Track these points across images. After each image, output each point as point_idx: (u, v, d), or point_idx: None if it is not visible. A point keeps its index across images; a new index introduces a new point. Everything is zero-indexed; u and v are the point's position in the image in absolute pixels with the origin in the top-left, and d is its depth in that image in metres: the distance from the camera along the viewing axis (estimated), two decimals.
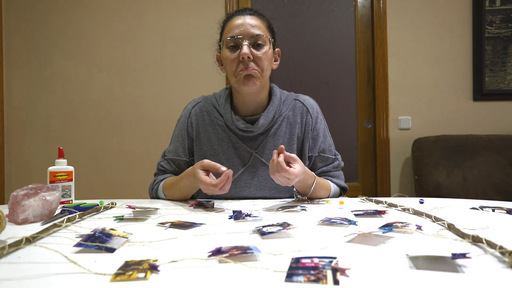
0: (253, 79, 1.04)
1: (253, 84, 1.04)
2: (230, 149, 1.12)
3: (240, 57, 1.02)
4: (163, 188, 1.11)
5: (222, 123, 1.14)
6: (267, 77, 1.09)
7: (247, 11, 1.09)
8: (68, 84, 2.57)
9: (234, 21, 1.06)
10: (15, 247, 0.53)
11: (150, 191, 1.18)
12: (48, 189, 0.81)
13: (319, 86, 2.61)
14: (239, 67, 1.04)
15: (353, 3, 2.62)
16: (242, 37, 1.03)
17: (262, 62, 1.04)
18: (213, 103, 1.18)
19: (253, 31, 1.04)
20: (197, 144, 1.16)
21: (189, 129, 1.17)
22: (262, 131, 1.11)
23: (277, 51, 1.15)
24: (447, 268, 0.45)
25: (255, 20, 1.06)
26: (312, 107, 1.17)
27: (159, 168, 1.19)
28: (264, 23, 1.08)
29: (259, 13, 1.10)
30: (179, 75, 2.57)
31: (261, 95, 1.12)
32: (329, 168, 1.15)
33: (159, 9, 2.58)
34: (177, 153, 1.17)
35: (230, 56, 1.04)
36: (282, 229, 0.63)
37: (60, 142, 2.52)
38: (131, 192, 2.50)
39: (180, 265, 0.46)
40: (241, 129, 1.10)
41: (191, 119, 1.17)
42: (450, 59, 2.54)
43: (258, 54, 1.04)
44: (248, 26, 1.04)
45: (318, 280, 0.41)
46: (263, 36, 1.05)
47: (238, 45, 1.04)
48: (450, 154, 2.30)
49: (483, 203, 0.94)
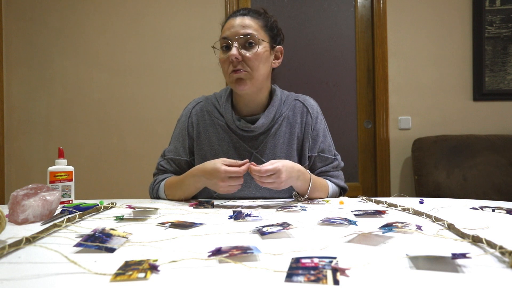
0: (243, 81, 1.04)
1: (244, 86, 1.04)
2: (231, 149, 1.12)
3: (230, 59, 1.02)
4: (164, 187, 1.11)
5: (222, 123, 1.14)
6: (261, 77, 1.07)
7: (241, 12, 1.08)
8: (68, 84, 2.57)
9: (228, 22, 1.07)
10: (15, 247, 0.53)
11: (151, 191, 1.17)
12: (48, 189, 0.81)
13: (319, 86, 2.62)
14: (230, 68, 1.04)
15: (353, 3, 2.62)
16: (231, 38, 1.03)
17: (252, 63, 1.03)
18: (214, 103, 1.17)
19: (242, 31, 1.03)
20: (198, 144, 1.15)
21: (189, 128, 1.17)
22: (262, 131, 1.11)
23: (279, 49, 1.13)
24: (447, 268, 0.45)
25: (247, 20, 1.05)
26: (312, 107, 1.17)
27: (159, 168, 1.19)
28: (258, 22, 1.06)
29: (255, 12, 1.09)
30: (179, 75, 2.57)
31: (260, 95, 1.12)
32: (328, 168, 1.16)
33: (159, 9, 2.58)
34: (177, 153, 1.16)
35: (223, 57, 1.05)
36: (282, 229, 0.63)
37: (60, 142, 2.52)
38: (131, 192, 2.50)
39: (180, 265, 0.46)
40: (242, 128, 1.10)
41: (191, 118, 1.17)
42: (450, 59, 2.54)
43: (247, 54, 1.03)
44: (238, 27, 1.03)
45: (318, 280, 0.41)
46: (254, 35, 1.03)
47: (229, 46, 1.04)
48: (450, 154, 2.30)
49: (483, 203, 0.94)
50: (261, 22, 1.07)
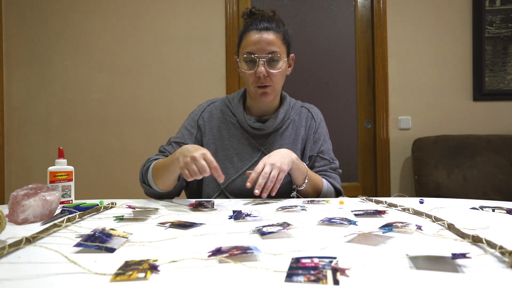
0: (268, 94, 1.12)
1: (268, 98, 1.13)
2: (240, 144, 1.17)
3: (256, 75, 1.08)
4: (153, 169, 1.06)
5: (234, 121, 1.20)
6: (280, 88, 1.17)
7: (264, 24, 1.09)
8: (68, 84, 2.57)
9: (251, 35, 1.09)
10: (15, 247, 0.53)
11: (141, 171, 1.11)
12: (48, 189, 0.81)
13: (319, 86, 2.62)
14: (255, 82, 1.11)
15: (353, 3, 2.62)
16: (258, 55, 1.08)
17: (276, 78, 1.11)
18: (227, 103, 1.24)
19: (268, 48, 1.08)
20: (208, 138, 1.18)
21: (200, 121, 1.21)
22: (271, 130, 1.18)
23: (292, 57, 1.19)
24: (447, 268, 0.45)
25: (271, 36, 1.08)
26: (316, 114, 1.27)
27: (160, 150, 1.17)
28: (280, 36, 1.10)
29: (276, 25, 1.11)
30: (179, 75, 2.57)
31: (274, 100, 1.20)
32: (326, 168, 1.21)
33: (159, 9, 2.58)
34: (183, 139, 1.18)
35: (247, 71, 1.11)
36: (282, 229, 0.63)
37: (60, 142, 2.52)
38: (131, 192, 2.50)
39: (180, 265, 0.46)
40: (253, 127, 1.16)
41: (204, 113, 1.22)
42: (450, 59, 2.54)
43: (273, 71, 1.09)
44: (264, 43, 1.07)
45: (318, 280, 0.41)
46: (278, 53, 1.09)
47: (254, 61, 1.09)
48: (450, 154, 2.30)
49: (483, 203, 0.94)
50: (281, 35, 1.12)
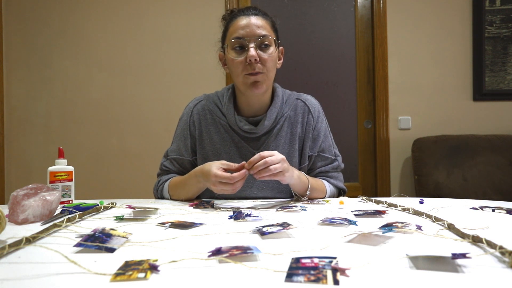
0: (260, 83, 1.03)
1: (260, 89, 1.04)
2: (233, 148, 1.12)
3: (248, 60, 1.00)
4: (168, 188, 1.11)
5: (224, 122, 1.13)
6: (272, 78, 1.08)
7: (252, 11, 1.06)
8: (68, 84, 2.57)
9: (239, 21, 1.04)
10: (15, 247, 0.53)
11: (155, 192, 1.17)
12: (48, 189, 0.81)
13: (319, 86, 2.61)
14: (245, 70, 1.02)
15: (353, 3, 2.62)
16: (248, 38, 1.01)
17: (268, 64, 1.03)
18: (216, 102, 1.16)
19: (259, 32, 1.01)
20: (200, 143, 1.15)
21: (191, 127, 1.16)
22: (264, 132, 1.11)
23: (281, 50, 1.13)
24: (447, 268, 0.45)
25: (260, 20, 1.04)
26: (313, 106, 1.17)
27: (162, 168, 1.18)
28: (268, 23, 1.06)
29: (264, 12, 1.08)
30: (179, 75, 2.57)
31: (265, 96, 1.11)
32: (328, 169, 1.15)
33: (159, 9, 2.58)
34: (180, 153, 1.16)
35: (236, 58, 1.02)
36: (282, 229, 0.63)
37: (60, 142, 2.52)
38: (131, 192, 2.50)
39: (180, 265, 0.46)
40: (245, 130, 1.09)
41: (193, 117, 1.16)
42: (450, 59, 2.54)
43: (265, 56, 1.02)
44: (254, 26, 1.01)
45: (318, 280, 0.41)
46: (269, 36, 1.03)
47: (244, 47, 1.02)
48: (450, 154, 2.30)
49: (483, 203, 0.94)
50: (270, 22, 1.07)
